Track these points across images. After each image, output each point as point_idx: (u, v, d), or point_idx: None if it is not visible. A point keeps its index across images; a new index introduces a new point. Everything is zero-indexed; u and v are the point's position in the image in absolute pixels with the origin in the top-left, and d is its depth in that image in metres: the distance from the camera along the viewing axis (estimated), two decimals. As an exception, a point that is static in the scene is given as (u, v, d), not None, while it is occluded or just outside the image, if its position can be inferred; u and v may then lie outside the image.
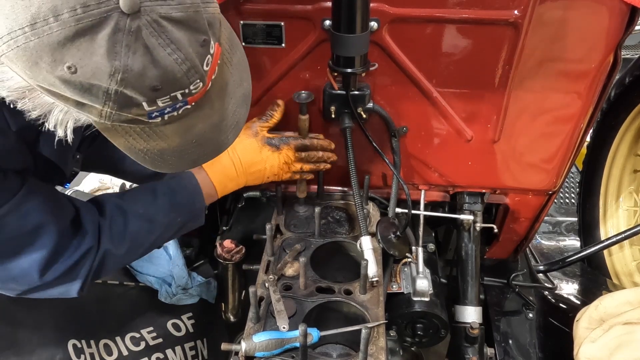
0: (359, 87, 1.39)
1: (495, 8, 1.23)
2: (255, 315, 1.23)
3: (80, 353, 1.56)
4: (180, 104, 0.81)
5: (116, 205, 1.24)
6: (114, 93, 0.74)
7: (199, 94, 0.83)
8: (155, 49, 0.74)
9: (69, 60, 0.71)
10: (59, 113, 0.81)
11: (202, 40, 0.79)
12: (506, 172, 1.58)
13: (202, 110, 0.87)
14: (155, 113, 0.80)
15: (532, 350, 1.73)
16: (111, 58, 0.71)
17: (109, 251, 1.19)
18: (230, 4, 1.27)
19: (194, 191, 1.34)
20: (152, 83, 0.75)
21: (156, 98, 0.78)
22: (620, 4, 1.19)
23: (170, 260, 1.79)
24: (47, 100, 0.78)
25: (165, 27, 0.74)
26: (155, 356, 1.73)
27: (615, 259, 2.04)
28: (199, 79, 0.80)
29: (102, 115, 0.78)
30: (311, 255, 1.46)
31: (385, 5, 1.25)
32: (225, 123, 0.95)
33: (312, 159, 1.49)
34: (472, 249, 1.68)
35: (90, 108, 0.77)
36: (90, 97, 0.75)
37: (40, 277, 1.09)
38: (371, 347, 1.19)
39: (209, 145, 0.95)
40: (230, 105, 0.94)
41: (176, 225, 1.32)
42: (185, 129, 0.88)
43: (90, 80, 0.72)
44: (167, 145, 0.88)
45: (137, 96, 0.76)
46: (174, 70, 0.76)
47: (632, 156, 1.94)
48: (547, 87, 1.37)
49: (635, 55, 1.86)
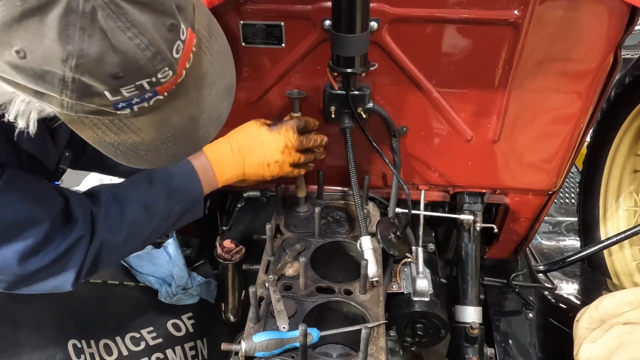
0: (359, 87, 1.39)
1: (495, 8, 1.23)
2: (255, 315, 1.23)
3: (80, 353, 1.56)
4: (148, 94, 0.76)
5: (112, 194, 1.21)
6: (70, 81, 0.69)
7: (170, 83, 0.78)
8: (113, 32, 0.68)
9: (17, 44, 0.66)
10: (20, 103, 0.76)
11: (170, 25, 0.73)
12: (506, 172, 1.58)
13: (177, 101, 0.82)
14: (121, 104, 0.75)
15: (532, 350, 1.73)
16: (63, 42, 0.66)
17: (106, 240, 1.16)
18: (230, 4, 1.27)
19: (192, 177, 1.29)
20: (112, 70, 0.70)
21: (119, 87, 0.73)
22: (620, 4, 1.19)
23: (170, 260, 1.79)
24: (7, 90, 0.74)
25: (125, 8, 0.68)
26: (155, 356, 1.73)
27: (615, 259, 2.04)
28: (167, 66, 0.75)
29: (63, 106, 0.74)
30: (311, 255, 1.46)
31: (385, 5, 1.25)
32: (205, 116, 0.90)
33: (309, 144, 1.42)
34: (472, 249, 1.68)
35: (50, 98, 0.73)
36: (45, 84, 0.70)
37: (20, 266, 1.05)
38: (371, 347, 1.19)
39: (186, 140, 0.90)
40: (209, 97, 0.89)
41: (175, 214, 1.28)
42: (160, 121, 0.83)
43: (42, 66, 0.68)
44: (140, 139, 0.84)
45: (96, 84, 0.71)
46: (136, 56, 0.71)
47: (632, 156, 1.94)
48: (547, 87, 1.37)
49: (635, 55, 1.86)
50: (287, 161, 1.39)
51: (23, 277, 1.08)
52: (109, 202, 1.20)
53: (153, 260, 1.78)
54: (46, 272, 1.10)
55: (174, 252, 1.80)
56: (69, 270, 1.12)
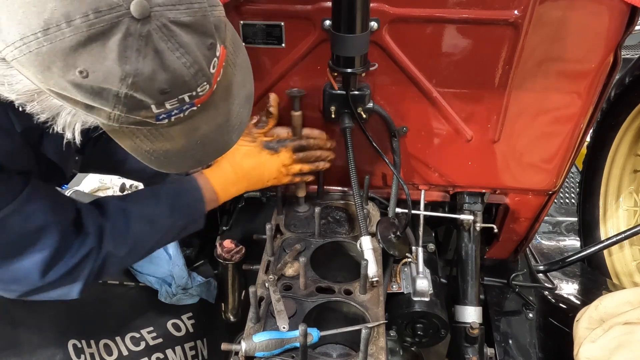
0: (359, 87, 1.39)
1: (495, 8, 1.23)
2: (255, 315, 1.23)
3: (81, 353, 1.56)
4: (187, 105, 0.82)
5: (118, 207, 1.25)
6: (124, 97, 0.75)
7: (205, 95, 0.84)
8: (164, 52, 0.75)
9: (80, 65, 0.72)
10: (66, 116, 0.81)
11: (209, 44, 0.80)
12: (506, 172, 1.58)
13: (207, 111, 0.89)
14: (162, 115, 0.81)
15: (532, 350, 1.73)
16: (122, 62, 0.73)
17: (111, 253, 1.19)
18: (230, 4, 1.27)
19: (196, 195, 1.35)
20: (161, 86, 0.77)
21: (164, 101, 0.79)
22: (620, 4, 1.19)
23: (170, 260, 1.79)
24: (56, 103, 0.79)
25: (175, 31, 0.75)
26: (155, 356, 1.73)
27: (615, 259, 2.04)
28: (206, 81, 0.81)
29: (110, 118, 0.79)
30: (311, 255, 1.46)
31: (385, 5, 1.25)
32: (229, 124, 0.96)
33: (310, 159, 1.49)
34: (472, 249, 1.68)
35: (99, 111, 0.78)
36: (100, 100, 0.76)
37: (42, 278, 1.09)
38: (371, 347, 1.19)
39: (213, 146, 0.97)
40: (234, 107, 0.96)
41: (177, 229, 1.33)
42: (190, 130, 0.89)
43: (102, 85, 0.73)
44: (171, 146, 0.89)
45: (146, 99, 0.77)
46: (182, 73, 0.77)
47: (632, 156, 1.94)
48: (547, 87, 1.37)
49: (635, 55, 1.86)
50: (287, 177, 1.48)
51: (39, 287, 1.11)
52: (116, 215, 1.23)
53: (153, 260, 1.78)
54: (59, 282, 1.13)
55: (174, 252, 1.80)
56: (79, 281, 1.15)
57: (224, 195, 1.41)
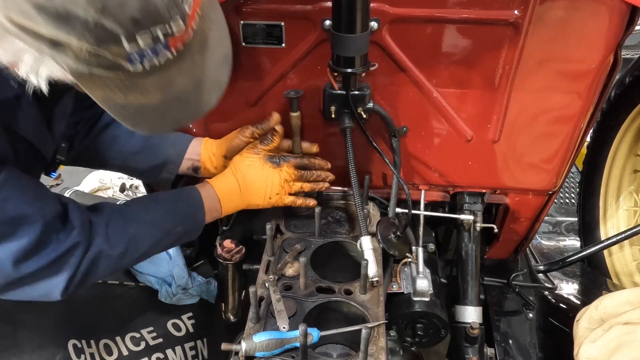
0: (359, 87, 1.39)
1: (495, 8, 1.23)
2: (255, 315, 1.23)
3: (81, 353, 1.56)
4: (160, 46, 0.79)
5: (116, 208, 1.23)
6: (93, 24, 0.71)
7: (180, 38, 0.80)
8: None
9: None
10: (29, 58, 0.78)
11: None
12: (506, 172, 1.58)
13: (183, 62, 0.85)
14: (135, 56, 0.78)
15: (532, 350, 1.73)
16: None
17: (103, 251, 1.15)
18: (230, 4, 1.27)
19: (196, 202, 1.35)
20: (132, 13, 0.73)
21: (135, 32, 0.75)
22: (620, 4, 1.19)
23: (170, 260, 1.79)
24: (18, 44, 0.75)
25: None
26: (155, 356, 1.73)
27: (615, 259, 2.04)
28: (180, 17, 0.78)
29: (78, 57, 0.75)
30: (311, 255, 1.46)
31: (385, 5, 1.25)
32: (207, 82, 0.93)
33: (311, 178, 1.49)
34: (472, 249, 1.68)
35: (66, 49, 0.74)
36: (66, 28, 0.71)
37: (15, 268, 1.03)
38: (371, 347, 1.19)
39: (191, 104, 0.93)
40: (211, 63, 0.92)
41: (176, 234, 1.31)
42: (167, 83, 0.85)
43: (68, 7, 0.69)
44: (146, 100, 0.86)
45: (116, 28, 0.73)
46: (155, 1, 0.74)
47: (632, 156, 1.94)
48: (547, 87, 1.37)
49: (635, 55, 1.86)
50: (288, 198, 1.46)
51: (15, 280, 1.06)
52: (112, 214, 1.21)
53: (153, 260, 1.78)
54: (37, 276, 1.07)
55: (174, 252, 1.80)
56: (60, 276, 1.10)
57: (227, 205, 1.40)
